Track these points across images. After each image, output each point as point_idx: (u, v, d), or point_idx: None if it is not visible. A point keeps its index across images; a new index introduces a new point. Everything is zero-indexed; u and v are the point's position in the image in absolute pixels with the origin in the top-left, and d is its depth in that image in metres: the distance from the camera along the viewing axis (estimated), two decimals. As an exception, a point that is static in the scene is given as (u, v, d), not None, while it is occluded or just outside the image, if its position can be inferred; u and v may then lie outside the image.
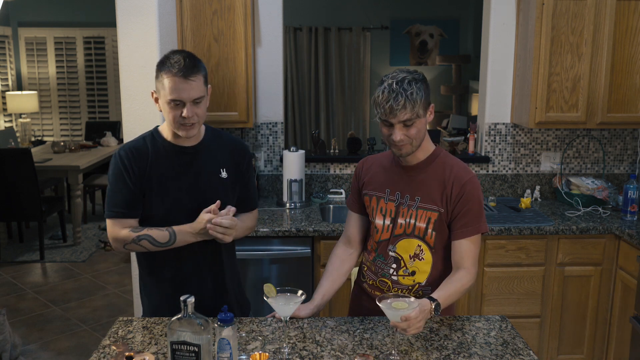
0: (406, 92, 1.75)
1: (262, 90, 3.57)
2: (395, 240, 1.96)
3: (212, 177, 1.96)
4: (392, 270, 1.97)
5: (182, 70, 1.76)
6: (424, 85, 1.81)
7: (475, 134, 3.69)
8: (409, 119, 1.78)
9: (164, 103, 1.81)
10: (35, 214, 5.20)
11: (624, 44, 3.18)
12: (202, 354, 1.52)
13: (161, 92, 1.81)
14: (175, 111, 1.80)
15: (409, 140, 1.82)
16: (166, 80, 1.78)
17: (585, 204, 3.37)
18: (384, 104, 1.77)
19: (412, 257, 1.94)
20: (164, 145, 1.91)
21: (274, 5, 3.50)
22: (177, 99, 1.78)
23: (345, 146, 3.85)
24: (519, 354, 1.74)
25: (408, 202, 1.93)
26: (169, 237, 1.86)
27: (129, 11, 2.74)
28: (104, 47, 7.46)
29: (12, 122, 7.31)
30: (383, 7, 7.34)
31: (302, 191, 3.42)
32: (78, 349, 3.69)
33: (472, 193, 1.88)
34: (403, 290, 1.97)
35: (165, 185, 1.89)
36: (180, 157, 1.92)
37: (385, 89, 1.77)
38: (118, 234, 1.87)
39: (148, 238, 1.85)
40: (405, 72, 1.81)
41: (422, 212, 1.91)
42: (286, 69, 7.14)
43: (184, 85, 1.77)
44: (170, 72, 1.77)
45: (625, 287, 3.02)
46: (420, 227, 1.92)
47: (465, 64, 7.18)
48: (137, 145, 1.90)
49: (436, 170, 1.92)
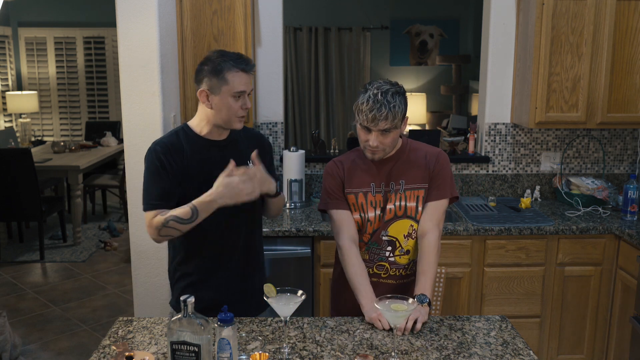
0: (389, 105, 1.90)
1: (262, 90, 3.57)
2: (386, 225, 2.09)
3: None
4: (387, 253, 2.11)
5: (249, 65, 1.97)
6: (404, 99, 1.96)
7: (475, 134, 3.69)
8: (388, 129, 1.93)
9: (227, 97, 1.93)
10: (35, 214, 5.20)
11: (624, 44, 3.18)
12: (202, 354, 1.52)
13: (222, 87, 1.93)
14: (238, 103, 1.96)
15: (382, 147, 1.98)
16: (232, 76, 1.93)
17: (585, 204, 3.37)
18: (367, 112, 1.92)
19: (406, 236, 2.10)
20: (198, 140, 2.02)
21: (274, 5, 3.50)
22: (244, 90, 1.95)
23: (345, 146, 3.85)
24: (519, 354, 1.74)
25: (394, 187, 2.08)
26: (191, 212, 1.91)
27: (129, 11, 2.74)
28: (104, 47, 7.46)
29: (12, 122, 7.31)
30: (383, 7, 7.34)
31: (302, 191, 3.42)
32: (78, 349, 3.69)
33: (446, 161, 2.10)
34: (400, 269, 2.11)
35: (202, 177, 1.97)
36: (213, 150, 2.03)
37: (370, 99, 1.91)
38: (151, 223, 1.95)
39: (174, 218, 1.91)
40: (388, 84, 1.96)
41: (409, 192, 2.07)
42: (286, 69, 7.14)
43: (248, 78, 1.98)
44: (237, 67, 1.93)
45: (625, 287, 3.02)
46: (411, 207, 2.08)
47: (465, 64, 7.18)
48: (171, 141, 1.99)
49: (410, 155, 2.10)
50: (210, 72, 1.94)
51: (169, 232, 1.93)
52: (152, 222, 1.94)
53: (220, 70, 1.93)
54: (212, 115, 1.99)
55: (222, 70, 1.93)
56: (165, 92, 2.83)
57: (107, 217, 6.69)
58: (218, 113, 1.97)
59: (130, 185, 2.84)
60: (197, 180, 1.97)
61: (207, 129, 2.02)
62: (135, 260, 2.91)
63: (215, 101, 1.96)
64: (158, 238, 1.97)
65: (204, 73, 1.95)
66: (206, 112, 2.00)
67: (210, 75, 1.94)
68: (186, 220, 1.91)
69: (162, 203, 1.95)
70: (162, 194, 1.96)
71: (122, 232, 6.04)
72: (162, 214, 1.93)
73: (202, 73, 1.96)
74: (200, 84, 1.97)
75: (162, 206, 1.95)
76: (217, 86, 1.94)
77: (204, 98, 1.97)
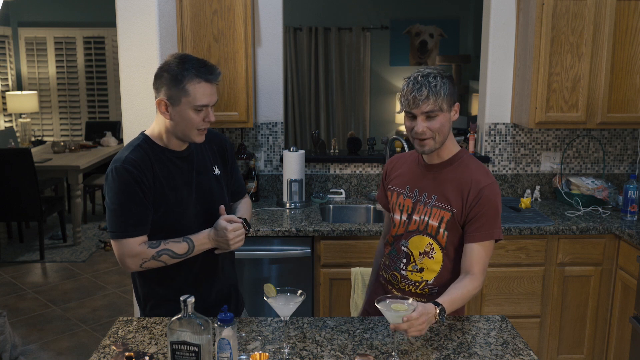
0: (430, 85, 1.80)
1: (262, 90, 3.57)
2: (409, 235, 1.99)
3: (209, 177, 1.98)
4: (402, 265, 2.00)
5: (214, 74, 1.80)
6: (450, 82, 1.86)
7: (475, 134, 3.69)
8: (432, 111, 1.82)
9: (187, 109, 1.79)
10: (35, 214, 5.20)
11: (624, 44, 3.18)
12: (202, 354, 1.52)
13: (182, 99, 1.78)
14: (199, 116, 1.80)
15: (431, 134, 1.84)
16: (194, 87, 1.77)
17: (585, 204, 3.37)
18: (408, 94, 1.82)
19: (422, 254, 1.96)
20: (162, 153, 1.88)
21: (274, 5, 3.50)
22: (207, 103, 1.80)
23: (345, 146, 3.85)
24: (519, 354, 1.74)
25: (425, 199, 1.96)
26: (187, 248, 1.84)
27: (129, 11, 2.74)
28: (104, 47, 7.46)
29: (12, 122, 7.31)
30: (383, 7, 7.34)
31: (302, 191, 3.42)
32: (78, 349, 3.69)
33: (489, 198, 1.87)
34: (410, 286, 1.99)
35: (174, 193, 1.87)
36: (178, 162, 1.90)
37: (411, 81, 1.84)
38: (134, 253, 1.80)
39: (168, 252, 1.82)
40: (432, 68, 1.88)
41: (436, 210, 1.93)
42: (286, 69, 7.14)
43: (212, 89, 1.81)
44: (200, 77, 1.77)
45: (625, 287, 3.02)
46: (433, 226, 1.94)
47: (465, 64, 7.18)
48: (138, 157, 1.82)
49: (456, 171, 1.93)
50: (170, 80, 1.77)
51: (154, 265, 1.83)
52: (135, 252, 1.79)
53: (181, 80, 1.76)
54: (171, 126, 1.83)
55: (182, 80, 1.76)
56: (165, 92, 2.83)
57: (107, 217, 6.68)
58: (177, 126, 1.82)
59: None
60: (167, 198, 1.85)
61: (167, 141, 1.87)
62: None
63: (174, 113, 1.79)
64: (136, 268, 1.83)
65: (163, 81, 1.78)
66: (164, 122, 1.84)
67: (169, 83, 1.77)
68: (181, 255, 1.83)
69: (143, 229, 1.81)
70: (142, 218, 1.80)
71: (122, 232, 6.03)
72: (152, 246, 1.80)
73: (161, 80, 1.79)
74: (159, 92, 1.80)
75: (143, 232, 1.80)
76: (177, 97, 1.77)
77: (162, 109, 1.80)
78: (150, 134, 1.90)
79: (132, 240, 1.79)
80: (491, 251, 1.91)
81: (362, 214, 3.51)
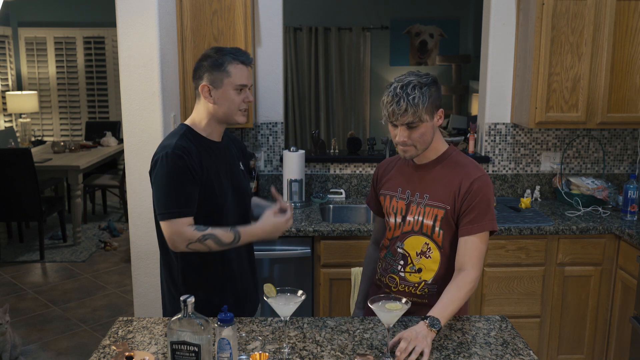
0: (408, 97, 1.79)
1: (262, 90, 3.57)
2: (404, 237, 1.99)
3: (239, 169, 2.11)
4: (399, 267, 2.00)
5: (249, 58, 1.96)
6: (431, 90, 1.83)
7: (475, 134, 3.69)
8: (412, 122, 1.82)
9: (230, 89, 1.92)
10: (35, 214, 5.20)
11: (624, 44, 3.18)
12: (202, 354, 1.52)
13: (224, 80, 1.92)
14: (240, 96, 1.95)
15: (411, 143, 1.86)
16: (234, 67, 1.92)
17: (585, 204, 3.37)
18: (388, 107, 1.84)
19: (419, 254, 1.96)
20: (204, 142, 1.98)
21: (274, 5, 3.50)
22: (246, 83, 1.95)
23: (345, 146, 3.85)
24: (519, 354, 1.74)
25: (417, 199, 1.96)
26: (233, 238, 1.90)
27: (129, 11, 2.74)
28: (104, 47, 7.46)
29: (12, 122, 7.31)
30: (383, 7, 7.34)
31: (302, 191, 3.42)
32: (78, 349, 3.69)
33: (481, 189, 1.88)
34: (410, 287, 1.98)
35: (217, 181, 1.96)
36: (217, 152, 2.01)
37: (390, 92, 1.84)
38: (183, 232, 1.86)
39: (213, 238, 1.87)
40: (414, 75, 1.85)
41: (429, 209, 1.93)
42: (286, 69, 7.13)
43: (248, 71, 1.97)
44: (237, 60, 1.93)
45: (625, 287, 3.02)
46: (428, 225, 1.94)
47: (465, 64, 7.18)
48: (184, 144, 1.92)
49: (447, 169, 1.94)
50: (211, 66, 1.93)
51: (199, 247, 1.88)
52: (183, 231, 1.86)
53: (222, 64, 1.92)
54: (214, 110, 1.96)
55: (223, 63, 1.92)
56: (165, 92, 2.83)
57: (107, 217, 6.69)
58: (220, 107, 1.95)
59: (130, 185, 2.84)
60: (212, 185, 1.94)
61: (209, 129, 1.99)
62: (135, 260, 2.91)
63: (218, 95, 1.93)
64: (183, 249, 1.88)
65: (204, 68, 1.94)
66: (207, 108, 1.96)
67: (210, 69, 1.92)
68: (226, 243, 1.89)
69: (191, 210, 1.89)
70: (191, 199, 1.89)
71: (122, 232, 6.04)
72: (199, 229, 1.87)
73: (202, 69, 1.94)
74: (201, 79, 1.94)
75: (191, 213, 1.88)
76: (219, 79, 1.92)
77: (206, 93, 1.94)
78: (192, 124, 2.00)
79: (180, 221, 1.86)
80: (486, 243, 1.91)
81: (362, 214, 3.51)
